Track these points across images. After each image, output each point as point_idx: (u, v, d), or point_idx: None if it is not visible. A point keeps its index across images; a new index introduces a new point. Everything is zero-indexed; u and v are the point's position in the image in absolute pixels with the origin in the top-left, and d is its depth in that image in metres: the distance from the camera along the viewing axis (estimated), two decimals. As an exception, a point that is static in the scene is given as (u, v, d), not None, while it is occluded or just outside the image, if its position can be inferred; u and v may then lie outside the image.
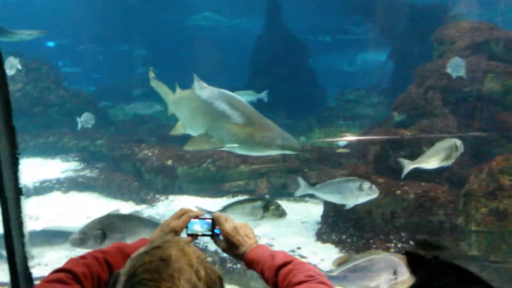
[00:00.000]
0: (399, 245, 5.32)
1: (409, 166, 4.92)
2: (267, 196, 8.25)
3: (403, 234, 5.32)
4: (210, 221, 2.12)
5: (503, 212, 4.64)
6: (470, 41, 8.36)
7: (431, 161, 4.78)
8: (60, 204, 7.84)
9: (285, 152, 4.36)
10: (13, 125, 1.99)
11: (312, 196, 8.27)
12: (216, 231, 2.12)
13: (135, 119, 13.18)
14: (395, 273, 3.21)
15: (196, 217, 2.12)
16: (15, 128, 2.00)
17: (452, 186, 6.17)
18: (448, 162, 4.77)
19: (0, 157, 1.95)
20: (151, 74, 6.91)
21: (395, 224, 5.40)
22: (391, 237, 5.37)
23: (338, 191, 4.62)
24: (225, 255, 2.33)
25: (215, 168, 8.63)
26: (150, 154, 9.19)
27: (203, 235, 2.13)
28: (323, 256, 5.65)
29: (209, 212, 2.31)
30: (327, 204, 6.72)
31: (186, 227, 2.08)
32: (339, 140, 8.91)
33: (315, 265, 1.94)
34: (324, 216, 6.75)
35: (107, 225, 3.91)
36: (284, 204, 8.01)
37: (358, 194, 4.53)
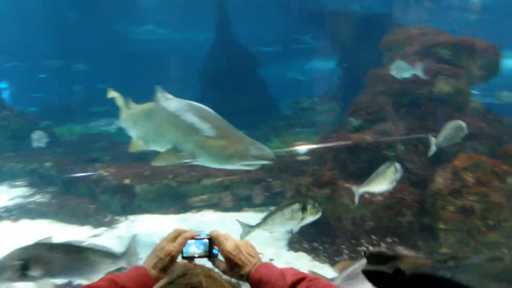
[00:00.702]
0: (370, 248, 5.33)
1: (359, 190, 4.91)
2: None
3: (373, 237, 5.35)
4: (207, 241, 1.98)
5: (470, 209, 4.78)
6: (418, 46, 8.68)
7: (377, 185, 4.82)
8: (11, 234, 7.27)
9: (260, 163, 4.22)
10: None
11: (277, 204, 8.21)
12: (214, 251, 1.97)
13: (82, 138, 12.63)
14: None
15: (192, 237, 1.97)
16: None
17: (413, 186, 6.31)
18: (392, 185, 4.83)
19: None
20: (111, 93, 6.62)
21: (365, 228, 5.42)
22: (362, 240, 5.38)
23: (280, 222, 4.46)
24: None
25: (176, 184, 8.37)
26: (106, 173, 8.77)
27: (200, 257, 1.98)
28: (297, 266, 5.53)
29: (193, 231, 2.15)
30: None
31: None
32: (308, 147, 8.90)
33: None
34: (293, 225, 6.67)
35: (31, 256, 3.33)
36: (250, 215, 7.99)
37: (303, 217, 4.38)
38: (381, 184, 4.70)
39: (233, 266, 1.88)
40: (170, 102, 5.02)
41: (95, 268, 3.57)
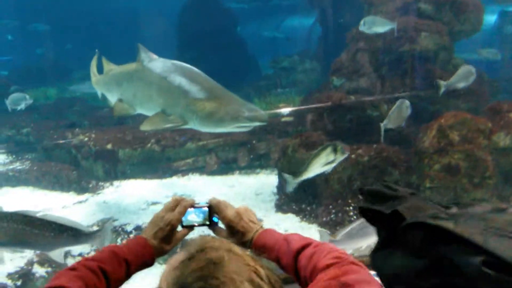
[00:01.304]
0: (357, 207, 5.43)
1: (294, 180, 4.85)
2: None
3: (360, 197, 5.42)
4: (207, 209, 1.94)
5: (455, 167, 4.87)
6: (400, 1, 8.53)
7: (312, 169, 4.73)
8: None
9: (253, 125, 4.09)
10: None
11: (263, 166, 8.29)
12: (214, 219, 1.94)
13: (58, 102, 12.22)
14: None
15: (191, 206, 1.93)
16: None
17: (397, 145, 6.38)
18: (329, 167, 4.66)
19: None
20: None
21: (352, 188, 5.50)
22: (349, 201, 5.47)
23: (318, 166, 4.52)
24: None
25: (160, 148, 8.26)
26: (86, 139, 8.58)
27: (200, 225, 1.96)
28: (287, 227, 5.66)
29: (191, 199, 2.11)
30: (281, 173, 6.70)
31: None
32: (292, 109, 8.83)
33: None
34: (280, 186, 6.73)
35: None
36: (235, 178, 8.02)
37: (335, 158, 4.52)
38: (317, 168, 4.65)
39: (234, 233, 1.85)
40: (156, 63, 4.74)
41: (50, 242, 3.46)
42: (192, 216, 1.92)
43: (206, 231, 1.97)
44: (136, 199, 7.07)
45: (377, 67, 8.22)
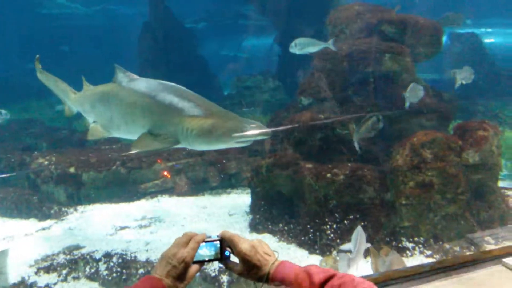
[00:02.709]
0: (334, 226, 5.45)
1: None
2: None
3: (336, 215, 5.46)
4: (218, 243, 1.85)
5: (429, 184, 5.00)
6: (363, 23, 8.82)
7: (360, 133, 5.72)
8: None
9: (256, 139, 3.98)
10: None
11: (233, 186, 8.20)
12: (226, 253, 1.86)
13: (12, 125, 11.63)
14: None
15: (202, 240, 1.84)
16: None
17: (367, 163, 6.50)
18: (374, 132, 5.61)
19: None
20: (37, 65, 6.01)
21: (328, 207, 5.52)
22: (326, 219, 5.48)
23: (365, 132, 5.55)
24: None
25: (126, 170, 8.00)
26: (46, 162, 8.17)
27: (211, 260, 1.86)
28: (264, 248, 5.56)
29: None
30: (255, 193, 6.65)
31: None
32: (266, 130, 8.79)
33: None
34: (254, 206, 6.67)
35: None
36: (207, 198, 7.88)
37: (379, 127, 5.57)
38: (364, 132, 5.83)
39: (250, 267, 1.78)
40: (138, 82, 4.54)
41: None
42: (204, 251, 1.83)
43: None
44: (103, 225, 6.77)
45: (344, 87, 8.41)
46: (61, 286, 5.30)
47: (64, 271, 5.47)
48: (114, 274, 5.48)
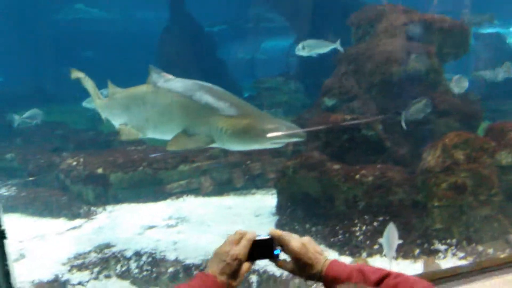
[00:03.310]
0: (364, 227, 5.43)
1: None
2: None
3: (366, 217, 5.44)
4: (269, 241, 1.88)
5: (461, 186, 4.95)
6: (388, 23, 8.75)
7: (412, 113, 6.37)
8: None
9: (291, 141, 4.01)
10: None
11: (258, 187, 8.23)
12: (276, 251, 1.88)
13: (39, 127, 11.85)
14: None
15: (253, 238, 1.87)
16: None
17: (394, 165, 6.46)
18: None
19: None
20: (75, 74, 6.17)
21: (357, 208, 5.50)
22: (355, 221, 5.46)
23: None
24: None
25: (153, 171, 8.10)
26: (75, 163, 8.32)
27: (262, 258, 1.89)
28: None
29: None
30: (281, 194, 6.66)
31: None
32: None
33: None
34: (280, 206, 6.68)
35: None
36: (231, 199, 7.91)
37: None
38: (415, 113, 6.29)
39: (302, 266, 1.80)
40: (174, 83, 4.60)
41: None
42: (255, 249, 1.86)
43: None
44: (132, 224, 6.86)
45: (368, 88, 8.36)
46: (93, 284, 5.41)
47: (96, 269, 5.57)
48: (145, 273, 5.57)
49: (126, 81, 6.48)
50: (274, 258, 1.88)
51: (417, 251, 5.13)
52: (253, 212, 7.15)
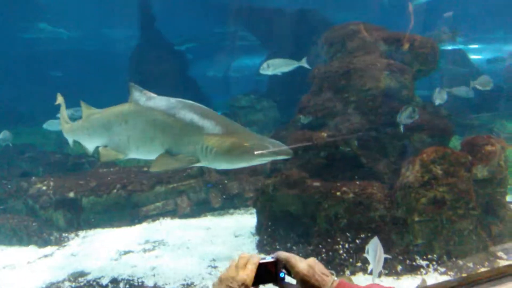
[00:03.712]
0: (346, 245, 5.40)
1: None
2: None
3: (348, 234, 5.42)
4: (274, 264, 1.82)
5: (441, 200, 5.01)
6: (360, 41, 8.92)
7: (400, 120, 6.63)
8: None
9: (278, 158, 3.96)
10: None
11: (236, 207, 8.12)
12: (281, 274, 1.82)
13: (5, 150, 11.40)
14: None
15: (258, 262, 1.81)
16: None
17: (372, 181, 6.49)
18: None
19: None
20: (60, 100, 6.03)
21: (340, 226, 5.47)
22: (338, 238, 5.43)
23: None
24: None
25: (127, 193, 7.88)
26: (44, 188, 8.00)
27: (267, 282, 1.82)
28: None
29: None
30: (261, 213, 6.58)
31: None
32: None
33: None
34: (260, 226, 6.59)
35: None
36: (209, 219, 7.78)
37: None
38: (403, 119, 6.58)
39: None
40: (157, 101, 4.48)
41: None
42: (260, 273, 1.79)
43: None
44: (107, 250, 6.62)
45: (343, 105, 8.44)
46: (68, 315, 5.14)
47: (70, 300, 5.31)
48: (122, 301, 5.34)
49: (96, 100, 6.32)
50: (279, 282, 1.82)
51: (399, 267, 5.13)
52: (233, 233, 7.03)
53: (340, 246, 5.38)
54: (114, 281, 5.61)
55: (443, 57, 16.09)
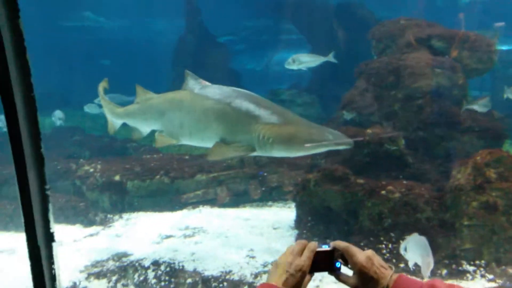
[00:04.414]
0: (390, 245, 5.29)
1: None
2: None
3: (392, 234, 5.30)
4: (330, 252, 1.80)
5: (493, 205, 4.81)
6: (411, 37, 8.66)
7: None
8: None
9: (338, 148, 3.91)
10: (42, 153, 1.53)
11: (274, 200, 8.11)
12: (337, 264, 1.80)
13: (55, 133, 11.85)
14: None
15: (315, 249, 1.79)
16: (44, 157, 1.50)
17: (418, 182, 6.31)
18: None
19: (30, 195, 1.46)
20: (103, 85, 6.12)
21: (383, 225, 5.36)
22: (381, 238, 5.32)
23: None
24: None
25: (169, 180, 8.04)
26: (92, 170, 8.29)
27: (322, 270, 1.81)
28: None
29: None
30: (301, 207, 6.54)
31: None
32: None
33: None
34: (299, 220, 6.56)
35: None
36: (248, 210, 7.81)
37: None
38: None
39: (367, 280, 1.72)
40: (211, 89, 4.50)
41: None
42: (315, 261, 1.78)
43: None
44: (149, 233, 6.78)
45: (389, 102, 8.24)
46: (111, 293, 5.31)
47: (114, 278, 5.48)
48: (163, 283, 5.47)
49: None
50: (334, 271, 1.81)
51: (444, 271, 4.97)
52: (271, 225, 7.03)
53: (383, 246, 5.27)
54: (156, 263, 5.74)
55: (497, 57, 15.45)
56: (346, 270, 1.82)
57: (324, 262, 1.80)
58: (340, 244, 1.79)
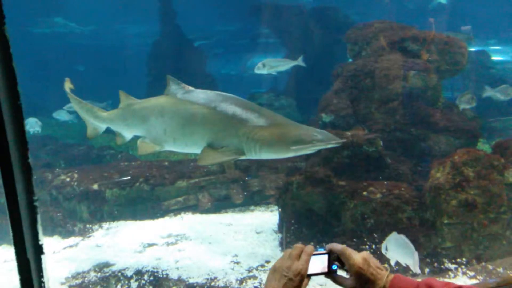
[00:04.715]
0: (373, 246, 5.36)
1: None
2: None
3: (375, 235, 5.37)
4: (326, 256, 1.82)
5: (472, 203, 4.93)
6: (385, 40, 8.82)
7: None
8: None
9: (328, 146, 3.94)
10: (29, 164, 1.52)
11: (256, 204, 8.11)
12: (334, 266, 1.82)
13: (31, 141, 11.46)
14: None
15: (312, 253, 1.81)
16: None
17: (397, 182, 6.42)
18: None
19: (19, 208, 1.45)
20: (67, 85, 5.90)
21: (366, 226, 5.42)
22: (364, 239, 5.38)
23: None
24: None
25: (149, 187, 7.92)
26: (68, 179, 8.09)
27: (319, 273, 1.83)
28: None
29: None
30: (284, 211, 6.55)
31: None
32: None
33: None
34: (282, 224, 6.57)
35: None
36: (231, 216, 7.78)
37: None
38: None
39: (364, 282, 1.75)
40: (195, 94, 4.43)
41: None
42: (314, 264, 1.80)
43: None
44: (130, 242, 6.67)
45: (366, 104, 8.37)
46: (94, 305, 5.19)
47: (96, 290, 5.36)
48: (147, 293, 5.38)
49: (115, 94, 6.26)
50: (331, 274, 1.82)
51: (426, 270, 5.07)
52: (254, 229, 7.03)
53: (367, 247, 5.33)
54: (139, 272, 5.65)
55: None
56: (342, 273, 1.84)
57: (320, 265, 1.82)
58: (336, 246, 1.81)
